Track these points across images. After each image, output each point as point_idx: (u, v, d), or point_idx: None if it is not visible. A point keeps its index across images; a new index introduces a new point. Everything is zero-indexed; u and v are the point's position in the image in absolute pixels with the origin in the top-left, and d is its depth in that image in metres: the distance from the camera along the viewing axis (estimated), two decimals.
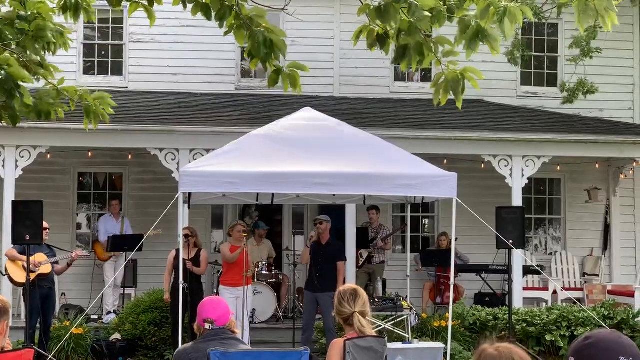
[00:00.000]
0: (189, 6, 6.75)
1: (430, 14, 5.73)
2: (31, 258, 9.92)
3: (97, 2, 7.90)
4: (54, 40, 7.47)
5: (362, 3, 6.03)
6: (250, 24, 6.51)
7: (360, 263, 13.01)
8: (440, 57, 6.09)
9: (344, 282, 10.59)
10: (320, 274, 10.73)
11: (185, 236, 10.38)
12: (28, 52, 7.48)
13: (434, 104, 6.54)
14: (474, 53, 5.88)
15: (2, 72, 6.68)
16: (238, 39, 6.61)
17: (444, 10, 5.76)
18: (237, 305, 10.28)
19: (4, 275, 10.79)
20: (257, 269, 12.48)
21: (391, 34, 6.27)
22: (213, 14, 6.61)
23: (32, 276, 9.90)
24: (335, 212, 12.04)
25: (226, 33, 6.69)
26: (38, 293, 10.07)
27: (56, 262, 10.60)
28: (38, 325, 10.38)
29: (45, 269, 10.33)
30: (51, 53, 7.63)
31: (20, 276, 10.39)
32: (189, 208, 10.40)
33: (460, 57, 6.30)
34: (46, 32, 7.25)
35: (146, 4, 6.87)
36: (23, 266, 10.33)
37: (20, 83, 6.90)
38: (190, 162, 10.93)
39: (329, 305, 10.02)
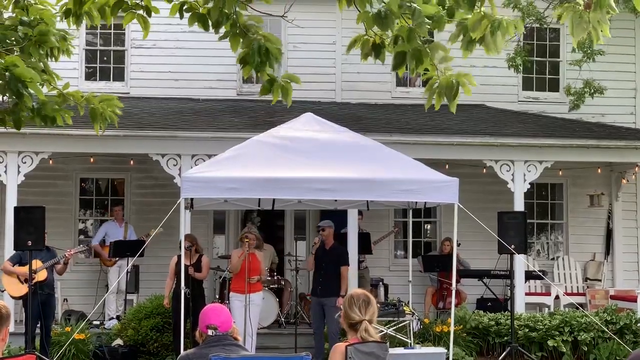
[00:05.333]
0: (187, 15, 6.72)
1: (430, 20, 5.73)
2: (25, 268, 9.94)
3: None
4: (58, 45, 7.44)
5: (359, 11, 6.00)
6: (246, 31, 6.50)
7: None
8: (437, 62, 6.08)
9: (347, 287, 10.60)
10: (324, 278, 10.75)
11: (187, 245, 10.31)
12: (32, 59, 7.45)
13: (425, 108, 6.53)
14: (470, 54, 5.88)
15: (8, 73, 6.65)
16: (233, 46, 6.58)
17: (445, 15, 5.77)
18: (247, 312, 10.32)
19: (3, 292, 10.82)
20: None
21: (387, 43, 6.24)
22: (210, 24, 6.58)
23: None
24: (335, 217, 12.01)
25: (221, 38, 6.67)
26: (37, 299, 10.06)
27: (52, 265, 10.55)
28: (38, 331, 10.37)
29: (41, 275, 10.31)
30: (54, 59, 7.61)
31: (16, 290, 10.43)
32: (190, 211, 10.36)
33: (458, 61, 6.30)
34: (49, 37, 7.24)
35: (142, 13, 6.84)
36: (19, 279, 10.37)
37: (28, 82, 6.85)
38: (192, 168, 10.94)
39: (333, 310, 10.03)
